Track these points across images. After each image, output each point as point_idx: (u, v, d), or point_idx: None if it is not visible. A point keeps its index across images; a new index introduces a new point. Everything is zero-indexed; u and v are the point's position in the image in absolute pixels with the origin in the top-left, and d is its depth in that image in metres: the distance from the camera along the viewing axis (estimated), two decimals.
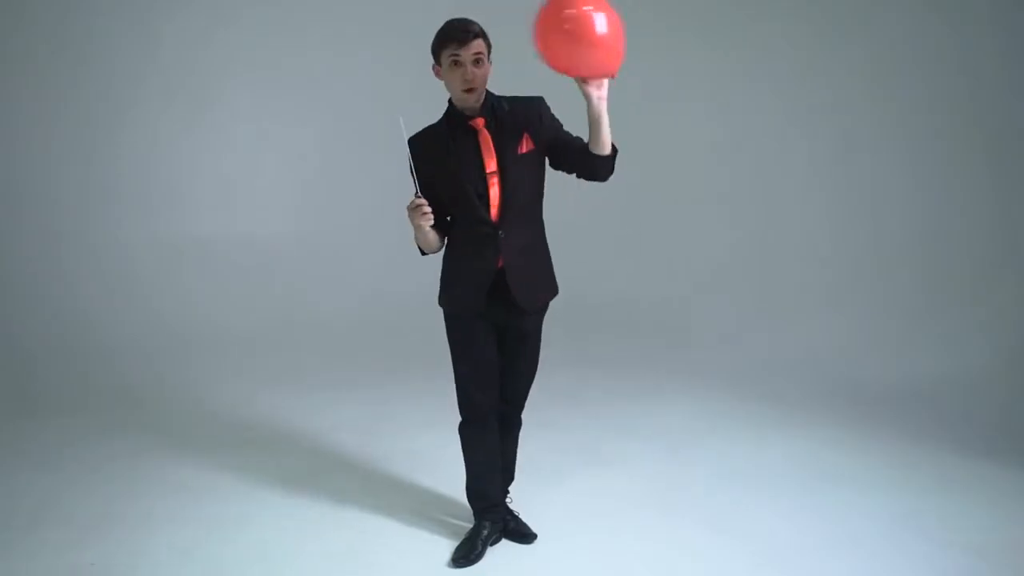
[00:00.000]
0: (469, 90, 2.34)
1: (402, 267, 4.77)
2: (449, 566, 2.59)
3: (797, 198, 5.17)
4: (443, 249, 2.56)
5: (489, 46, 2.39)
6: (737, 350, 4.72)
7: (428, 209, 2.37)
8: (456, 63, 2.33)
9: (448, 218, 2.54)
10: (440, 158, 2.42)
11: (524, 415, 2.81)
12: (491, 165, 2.41)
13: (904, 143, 4.74)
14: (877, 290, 4.69)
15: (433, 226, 2.44)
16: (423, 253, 2.56)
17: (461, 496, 2.79)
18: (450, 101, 2.46)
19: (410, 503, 3.01)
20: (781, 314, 4.89)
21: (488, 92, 2.45)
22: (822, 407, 3.92)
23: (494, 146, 2.41)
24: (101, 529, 2.85)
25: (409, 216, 2.40)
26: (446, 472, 3.14)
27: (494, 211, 2.43)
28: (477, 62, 2.33)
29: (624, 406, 4.01)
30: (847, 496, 2.99)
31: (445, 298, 2.59)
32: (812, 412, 3.86)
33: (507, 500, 2.82)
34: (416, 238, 2.48)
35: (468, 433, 2.64)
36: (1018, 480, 3.11)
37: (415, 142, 2.44)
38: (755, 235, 5.29)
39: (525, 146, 2.43)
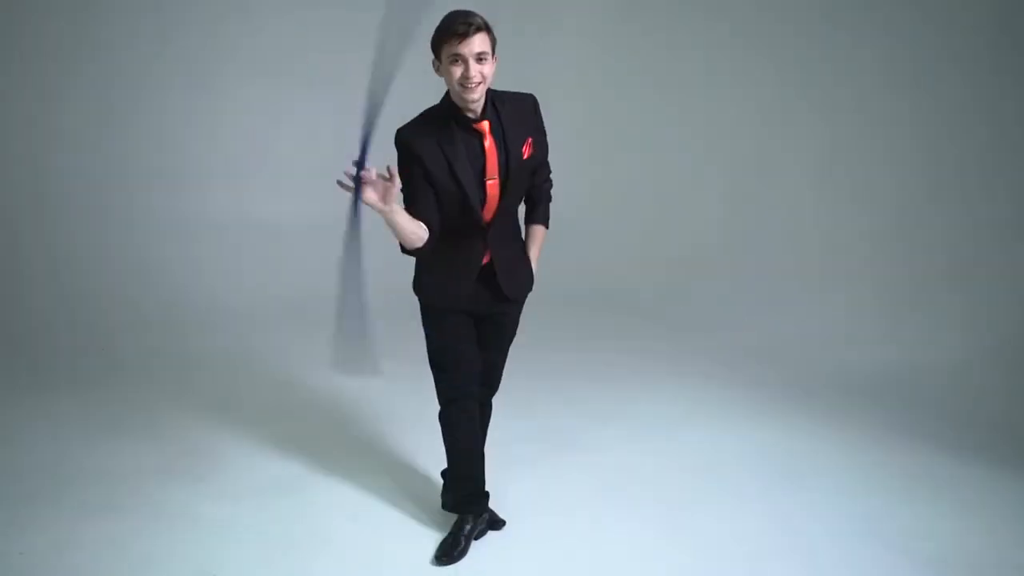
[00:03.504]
0: (469, 88, 2.18)
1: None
2: (432, 564, 2.54)
3: (783, 190, 5.13)
4: (430, 245, 2.31)
5: (494, 41, 2.22)
6: (719, 338, 4.68)
7: (374, 196, 2.10)
8: (457, 60, 2.17)
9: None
10: (441, 156, 2.27)
11: (503, 402, 2.81)
12: (492, 172, 2.33)
13: (889, 140, 4.68)
14: (858, 283, 4.64)
15: (421, 218, 2.26)
16: (406, 251, 2.30)
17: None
18: (447, 96, 2.30)
19: (396, 499, 2.93)
20: (764, 304, 4.86)
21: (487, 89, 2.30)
22: (800, 398, 3.88)
23: (498, 152, 2.32)
24: (39, 515, 2.77)
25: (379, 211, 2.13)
26: (435, 465, 3.05)
27: (488, 213, 2.37)
28: (480, 59, 2.17)
29: (602, 392, 3.95)
30: (810, 497, 2.96)
31: (426, 289, 2.51)
32: (790, 402, 3.83)
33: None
34: (394, 232, 2.23)
35: (450, 419, 2.58)
36: (984, 481, 3.09)
37: (411, 137, 2.29)
38: (739, 226, 5.26)
39: (528, 151, 2.37)
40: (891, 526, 2.78)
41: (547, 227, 2.62)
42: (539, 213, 2.59)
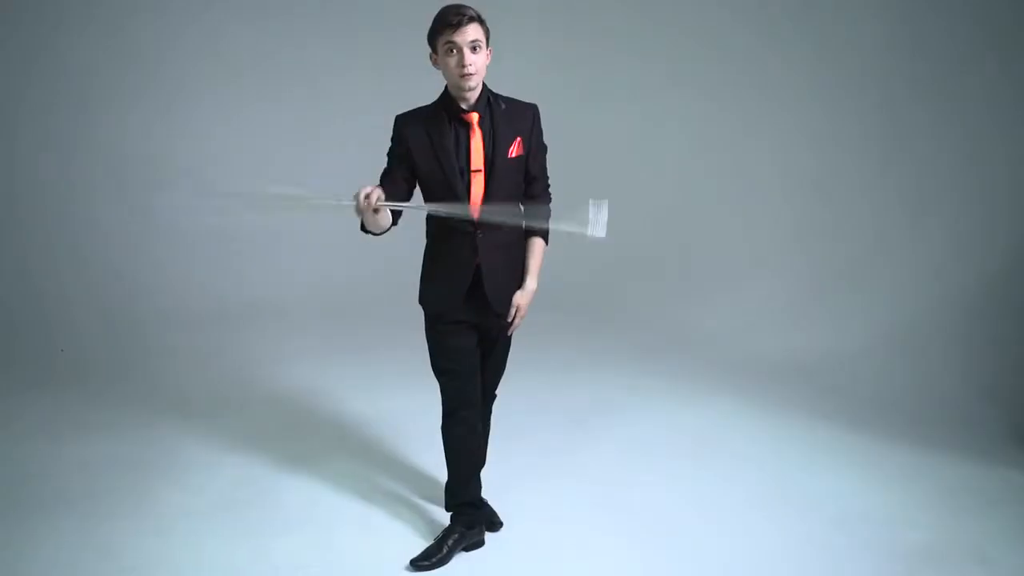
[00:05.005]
0: (466, 76, 2.26)
1: (377, 257, 4.67)
2: (407, 568, 2.52)
3: (706, 194, 5.44)
4: (388, 231, 2.42)
5: (487, 32, 2.31)
6: (646, 328, 5.01)
7: (376, 200, 2.23)
8: (452, 49, 2.26)
9: (408, 195, 2.48)
10: (427, 141, 2.36)
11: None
12: (477, 162, 2.36)
13: (791, 144, 5.06)
14: (772, 277, 5.02)
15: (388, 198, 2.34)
16: (366, 231, 2.40)
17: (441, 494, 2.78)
18: (446, 89, 2.39)
19: (389, 502, 2.96)
20: (690, 297, 5.21)
21: (485, 86, 2.39)
22: (721, 381, 4.23)
23: (484, 144, 2.36)
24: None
25: (358, 206, 2.23)
26: (427, 470, 3.17)
27: (475, 208, 2.38)
28: (474, 48, 2.26)
29: (534, 377, 4.06)
30: (728, 470, 3.27)
31: (425, 297, 2.55)
32: (712, 385, 4.17)
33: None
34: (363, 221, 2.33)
35: (449, 429, 2.59)
36: (881, 450, 3.44)
37: (404, 121, 2.41)
38: (667, 226, 5.54)
39: (516, 150, 2.40)
40: (795, 491, 3.09)
41: (546, 241, 2.57)
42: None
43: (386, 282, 4.16)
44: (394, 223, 2.43)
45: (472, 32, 2.25)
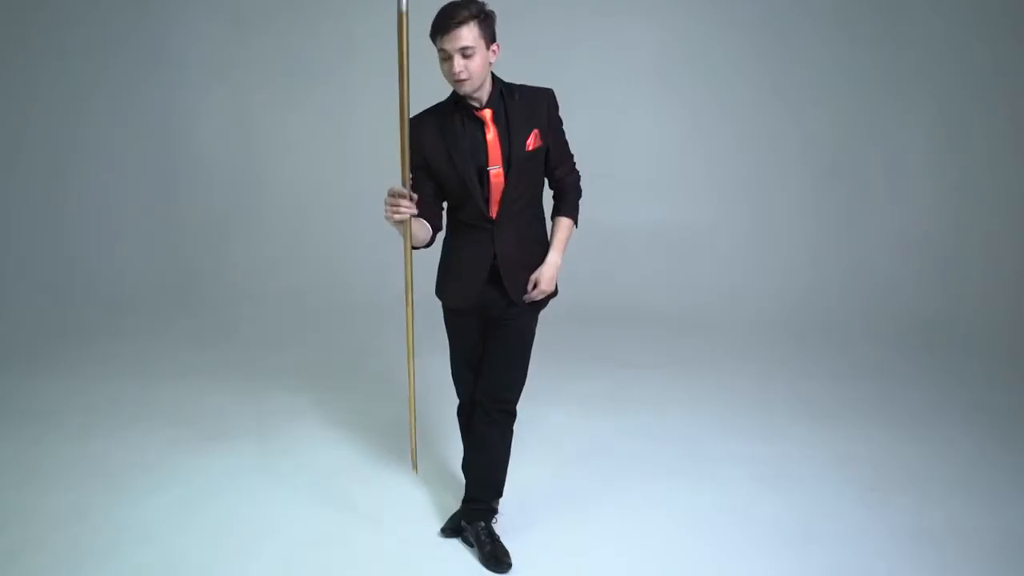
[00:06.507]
0: (458, 82, 2.17)
1: (378, 254, 4.80)
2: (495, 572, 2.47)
3: (707, 193, 5.46)
4: (434, 240, 2.42)
5: (487, 30, 2.16)
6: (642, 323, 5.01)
7: (405, 209, 2.20)
8: (444, 55, 2.15)
9: (443, 205, 2.43)
10: (441, 144, 2.29)
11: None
12: (495, 159, 2.28)
13: (800, 144, 5.09)
14: (773, 277, 5.07)
15: (420, 215, 2.31)
16: (413, 247, 2.35)
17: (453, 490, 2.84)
18: None
19: (391, 501, 2.95)
20: (689, 293, 5.21)
21: (496, 78, 2.29)
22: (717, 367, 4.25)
23: (500, 141, 2.28)
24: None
25: (386, 209, 2.20)
26: (429, 470, 3.15)
27: (493, 207, 2.32)
28: (466, 54, 2.12)
29: (539, 375, 3.91)
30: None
31: (442, 289, 2.51)
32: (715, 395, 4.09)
33: (492, 520, 2.62)
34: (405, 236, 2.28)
35: (460, 421, 2.64)
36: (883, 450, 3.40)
37: (417, 125, 2.30)
38: (668, 225, 5.54)
39: (533, 143, 2.31)
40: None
41: (575, 221, 2.48)
42: (566, 205, 2.47)
43: (386, 282, 4.17)
44: (440, 229, 2.43)
45: (464, 37, 2.11)
